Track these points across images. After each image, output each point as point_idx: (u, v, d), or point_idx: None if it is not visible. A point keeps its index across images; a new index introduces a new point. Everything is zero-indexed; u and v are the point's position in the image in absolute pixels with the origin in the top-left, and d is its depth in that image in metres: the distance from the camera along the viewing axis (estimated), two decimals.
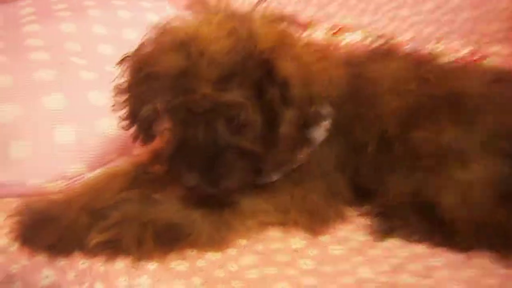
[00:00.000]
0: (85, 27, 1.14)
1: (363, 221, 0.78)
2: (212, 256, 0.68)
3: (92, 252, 0.65)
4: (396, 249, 0.71)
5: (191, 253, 0.68)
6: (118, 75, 0.73)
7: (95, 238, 0.65)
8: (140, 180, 0.79)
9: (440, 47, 0.85)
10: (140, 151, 0.86)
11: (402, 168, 0.73)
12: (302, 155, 0.74)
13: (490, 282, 0.63)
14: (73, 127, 0.84)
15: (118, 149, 0.89)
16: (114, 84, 0.74)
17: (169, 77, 0.65)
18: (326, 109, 0.73)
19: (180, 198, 0.71)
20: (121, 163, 0.84)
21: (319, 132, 0.74)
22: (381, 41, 0.85)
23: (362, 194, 0.80)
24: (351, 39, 0.92)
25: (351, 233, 0.75)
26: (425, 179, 0.71)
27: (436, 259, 0.68)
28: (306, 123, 0.69)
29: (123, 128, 0.76)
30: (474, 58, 0.93)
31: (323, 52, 0.69)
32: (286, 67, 0.64)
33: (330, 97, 0.70)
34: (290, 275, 0.65)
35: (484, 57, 0.95)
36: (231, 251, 0.70)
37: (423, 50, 0.85)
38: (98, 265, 0.66)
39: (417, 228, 0.72)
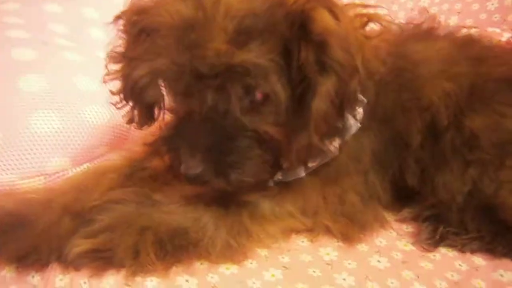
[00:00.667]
0: (73, 9, 1.02)
1: (405, 227, 0.65)
2: (227, 270, 0.54)
3: (74, 264, 0.51)
4: (452, 261, 0.59)
5: (201, 266, 0.54)
6: (110, 40, 0.59)
7: (78, 246, 0.50)
8: (136, 177, 0.64)
9: (475, 33, 0.74)
10: (135, 144, 0.72)
11: (455, 164, 0.61)
12: (334, 147, 0.60)
13: None
14: (55, 114, 0.70)
15: (109, 141, 0.75)
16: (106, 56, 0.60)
17: (174, 30, 0.49)
18: (365, 91, 0.61)
19: (187, 198, 0.58)
20: (112, 158, 0.70)
21: (352, 121, 0.61)
22: (420, 20, 0.73)
23: (402, 196, 0.67)
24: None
25: (393, 242, 0.62)
26: (484, 175, 0.59)
27: (504, 273, 0.56)
28: (343, 102, 0.53)
29: (114, 106, 0.62)
30: None
31: (368, 17, 0.56)
32: (326, 22, 0.49)
33: (376, 73, 0.55)
34: None
35: None
36: (250, 264, 0.56)
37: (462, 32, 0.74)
38: (81, 282, 0.51)
39: (475, 235, 0.60)
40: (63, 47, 0.87)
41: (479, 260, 0.59)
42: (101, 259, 0.51)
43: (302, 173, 0.61)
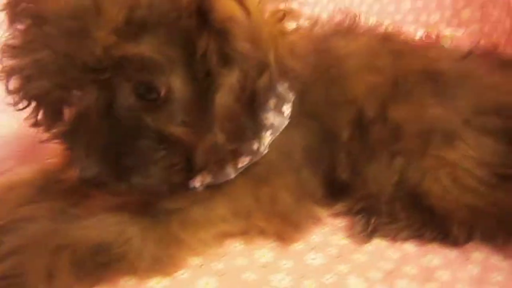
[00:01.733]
0: None
1: (338, 222, 0.65)
2: (157, 284, 0.50)
3: None
4: (384, 251, 0.59)
5: (128, 282, 0.50)
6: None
7: None
8: (51, 191, 0.58)
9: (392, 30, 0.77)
10: (49, 155, 0.65)
11: (382, 155, 0.62)
12: (260, 146, 0.58)
13: (497, 279, 0.54)
14: None
15: (16, 154, 0.67)
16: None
17: (61, 18, 0.44)
18: (286, 89, 0.60)
19: (109, 210, 0.53)
20: (21, 172, 0.63)
21: (280, 118, 0.60)
22: (341, 17, 0.74)
23: (335, 191, 0.67)
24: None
25: (328, 237, 0.61)
26: (409, 165, 0.61)
27: (432, 258, 0.58)
28: (253, 100, 0.50)
29: (12, 105, 0.55)
30: (430, 40, 0.87)
31: (285, 13, 0.55)
32: (230, 10, 0.46)
33: (292, 70, 0.54)
34: None
35: (438, 39, 0.89)
36: (182, 275, 0.52)
37: (381, 29, 0.76)
38: None
39: (404, 223, 0.61)
40: None
41: (410, 247, 0.60)
42: (10, 287, 0.45)
43: (232, 174, 0.58)
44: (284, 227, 0.59)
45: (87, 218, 0.51)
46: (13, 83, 0.52)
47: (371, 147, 0.62)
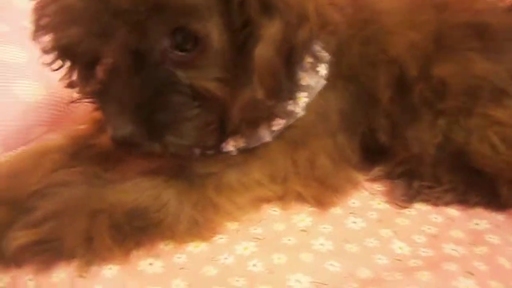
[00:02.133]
0: None
1: (376, 186, 0.63)
2: (195, 248, 0.49)
3: (15, 260, 0.44)
4: (427, 215, 0.57)
5: (166, 247, 0.49)
6: None
7: (18, 239, 0.43)
8: (83, 156, 0.57)
9: None
10: (79, 121, 0.64)
11: (425, 115, 0.58)
12: (296, 107, 0.55)
13: None
14: None
15: (46, 120, 0.66)
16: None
17: None
18: (326, 46, 0.57)
19: (144, 174, 0.51)
20: (52, 138, 0.62)
21: (315, 78, 0.57)
22: None
23: (371, 155, 0.64)
24: None
25: (367, 202, 0.59)
26: (454, 124, 0.57)
27: (479, 222, 0.55)
28: (292, 53, 0.47)
29: (47, 64, 0.53)
30: None
31: None
32: None
33: (332, 23, 0.50)
34: (307, 261, 0.48)
35: None
36: (220, 239, 0.51)
37: None
38: (26, 279, 0.44)
39: (448, 186, 0.58)
40: None
41: (453, 211, 0.57)
42: (48, 251, 0.44)
43: (267, 137, 0.56)
44: (322, 191, 0.56)
45: (122, 183, 0.50)
46: (48, 39, 0.50)
47: (413, 107, 0.59)
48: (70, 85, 0.54)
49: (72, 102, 0.53)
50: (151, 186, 0.50)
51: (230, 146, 0.55)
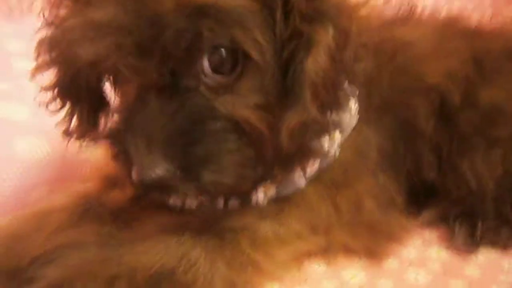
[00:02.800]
0: None
1: (429, 232, 0.55)
2: None
3: None
4: (499, 262, 0.49)
5: None
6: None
7: None
8: (93, 214, 0.48)
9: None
10: (86, 178, 0.57)
11: (479, 145, 0.52)
12: (330, 145, 0.48)
13: None
14: None
15: (49, 179, 0.58)
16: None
17: None
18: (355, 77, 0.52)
19: (165, 231, 0.43)
20: (57, 198, 0.54)
21: (347, 114, 0.51)
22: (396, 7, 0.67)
23: (417, 197, 0.57)
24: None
25: (424, 251, 0.51)
26: None
27: None
28: (343, 62, 0.41)
29: (44, 104, 0.47)
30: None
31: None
32: None
33: (367, 45, 0.45)
34: None
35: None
36: None
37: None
38: None
39: None
40: None
41: None
42: None
43: (301, 181, 0.48)
44: (373, 240, 0.48)
45: (141, 242, 0.42)
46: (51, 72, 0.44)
47: (463, 136, 0.53)
48: (68, 131, 0.47)
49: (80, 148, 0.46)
50: (177, 244, 0.41)
51: (260, 195, 0.48)
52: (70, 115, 0.47)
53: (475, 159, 0.52)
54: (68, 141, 0.50)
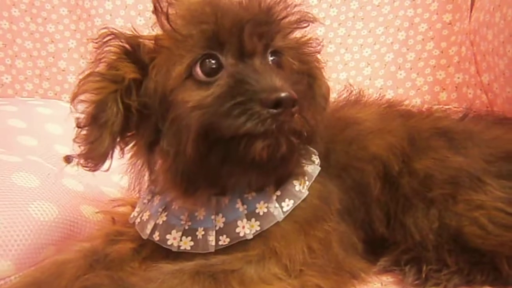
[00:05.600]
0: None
1: (385, 278, 0.65)
2: None
3: None
4: None
5: None
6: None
7: None
8: (103, 263, 0.57)
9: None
10: (90, 237, 0.65)
11: (419, 204, 0.65)
12: (301, 187, 0.61)
13: None
14: None
15: (57, 239, 0.66)
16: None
17: None
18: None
19: (168, 274, 0.52)
20: (67, 251, 0.61)
21: (312, 166, 0.64)
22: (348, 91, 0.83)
23: (373, 247, 0.68)
24: None
25: None
26: (445, 210, 0.64)
27: None
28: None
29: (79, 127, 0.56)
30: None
31: None
32: None
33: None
34: None
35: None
36: None
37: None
38: None
39: (455, 268, 0.62)
40: None
41: None
42: None
43: (280, 215, 0.59)
44: (340, 280, 0.58)
45: (149, 284, 0.50)
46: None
47: (406, 198, 0.66)
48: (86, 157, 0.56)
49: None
50: (178, 283, 0.50)
51: (247, 229, 0.58)
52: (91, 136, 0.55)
53: (417, 216, 0.65)
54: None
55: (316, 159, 0.65)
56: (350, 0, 1.43)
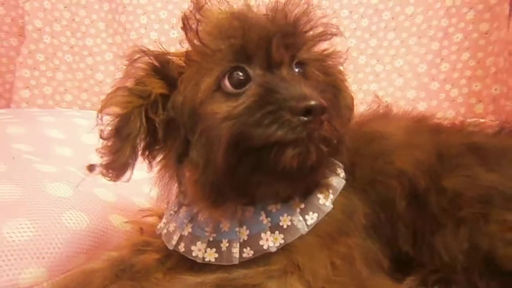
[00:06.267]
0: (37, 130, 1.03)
1: None
2: None
3: None
4: None
5: None
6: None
7: None
8: (129, 273, 0.58)
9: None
10: (117, 247, 0.67)
11: (448, 224, 0.62)
12: (325, 201, 0.60)
13: None
14: (30, 222, 0.64)
15: (87, 248, 0.68)
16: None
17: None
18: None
19: (190, 286, 0.53)
20: (95, 261, 0.64)
21: (337, 179, 0.64)
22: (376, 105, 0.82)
23: (400, 264, 0.66)
24: None
25: None
26: (476, 231, 0.61)
27: None
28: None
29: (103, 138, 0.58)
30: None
31: None
32: None
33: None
34: None
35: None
36: None
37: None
38: None
39: None
40: (32, 161, 0.85)
41: None
42: None
43: (304, 228, 0.58)
44: None
45: None
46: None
47: (434, 217, 0.64)
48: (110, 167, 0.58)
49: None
50: None
51: (270, 242, 0.58)
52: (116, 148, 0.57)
53: (445, 236, 0.62)
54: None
55: (341, 172, 0.65)
56: (382, 10, 1.42)
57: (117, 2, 1.54)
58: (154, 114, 0.58)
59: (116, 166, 0.57)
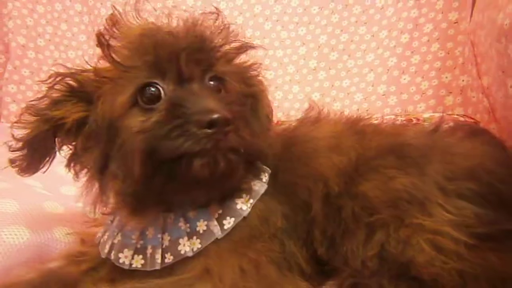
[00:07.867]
0: None
1: None
2: None
3: None
4: None
5: None
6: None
7: None
8: (60, 282, 0.64)
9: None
10: (54, 258, 0.71)
11: (359, 230, 0.62)
12: (246, 206, 0.63)
13: None
14: None
15: (26, 260, 0.72)
16: None
17: None
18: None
19: None
20: (22, 274, 0.67)
21: (259, 183, 0.65)
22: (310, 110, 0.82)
23: (322, 268, 0.67)
24: None
25: None
26: (389, 237, 0.60)
27: None
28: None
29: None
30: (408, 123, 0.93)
31: None
32: None
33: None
34: None
35: (419, 121, 0.95)
36: None
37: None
38: None
39: None
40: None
41: None
42: None
43: (219, 232, 0.61)
44: None
45: None
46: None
47: (346, 223, 0.63)
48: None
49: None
50: None
51: (187, 247, 0.61)
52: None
53: (354, 241, 0.61)
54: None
55: (264, 176, 0.66)
56: (352, 5, 1.41)
57: (95, 14, 1.59)
58: (65, 136, 0.62)
59: (27, 172, 0.66)
